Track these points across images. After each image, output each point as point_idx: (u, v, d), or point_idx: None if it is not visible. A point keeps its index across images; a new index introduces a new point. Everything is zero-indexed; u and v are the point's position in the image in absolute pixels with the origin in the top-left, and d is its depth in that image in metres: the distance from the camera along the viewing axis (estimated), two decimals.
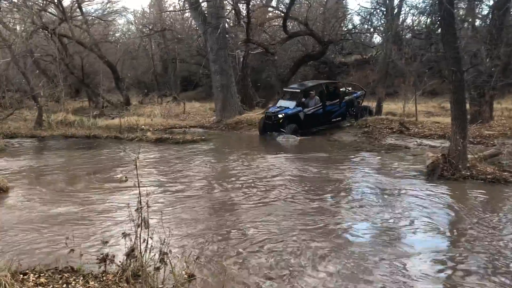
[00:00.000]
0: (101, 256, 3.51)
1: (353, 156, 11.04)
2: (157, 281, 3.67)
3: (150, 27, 25.53)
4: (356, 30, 22.41)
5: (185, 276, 3.62)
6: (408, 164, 9.82)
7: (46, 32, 20.46)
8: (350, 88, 16.89)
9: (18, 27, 20.68)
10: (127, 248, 3.70)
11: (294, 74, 21.09)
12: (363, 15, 21.16)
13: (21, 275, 3.87)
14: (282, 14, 19.39)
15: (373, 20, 20.45)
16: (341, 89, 15.95)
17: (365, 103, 16.63)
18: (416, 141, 12.54)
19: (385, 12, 17.53)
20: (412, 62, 15.32)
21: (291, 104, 14.55)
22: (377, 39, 25.10)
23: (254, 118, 16.42)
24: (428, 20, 18.02)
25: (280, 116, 14.22)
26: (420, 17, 18.83)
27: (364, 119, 15.20)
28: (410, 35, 19.36)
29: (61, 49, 21.79)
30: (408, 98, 16.09)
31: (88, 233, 5.72)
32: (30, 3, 18.96)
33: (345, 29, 22.65)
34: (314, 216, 6.36)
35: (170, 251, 3.74)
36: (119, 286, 3.60)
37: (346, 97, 15.52)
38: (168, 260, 3.61)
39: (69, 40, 22.23)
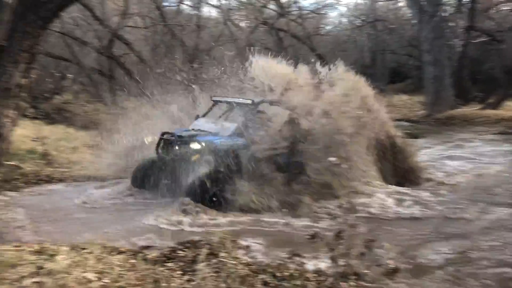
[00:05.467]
0: (312, 232, 3.69)
1: None
2: (360, 266, 3.68)
3: (362, 19, 25.45)
4: None
5: (390, 267, 3.55)
6: None
7: (266, 26, 22.33)
8: None
9: (242, 23, 23.14)
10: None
11: None
12: None
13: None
14: None
15: None
16: None
17: None
18: None
19: None
20: None
21: (225, 127, 7.12)
22: None
23: (470, 114, 14.87)
24: None
25: (194, 147, 6.57)
26: None
27: None
28: None
29: (278, 42, 23.51)
30: None
31: None
32: (253, 1, 20.96)
33: None
34: None
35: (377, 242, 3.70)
36: None
37: None
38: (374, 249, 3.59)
39: (285, 34, 23.79)
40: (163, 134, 6.98)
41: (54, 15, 7.02)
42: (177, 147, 6.67)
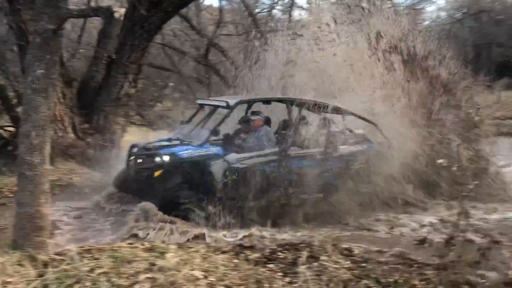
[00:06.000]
0: (420, 238, 3.51)
1: None
2: (474, 275, 3.41)
3: (464, 11, 23.82)
4: None
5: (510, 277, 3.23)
6: None
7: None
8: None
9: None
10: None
11: None
12: None
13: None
14: None
15: None
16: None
17: None
18: None
19: None
20: None
21: (200, 135, 6.22)
22: None
23: None
24: None
25: (156, 161, 5.79)
26: None
27: None
28: None
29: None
30: None
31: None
32: (346, 1, 20.53)
33: None
34: None
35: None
36: None
37: (344, 148, 6.62)
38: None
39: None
40: (131, 146, 6.34)
41: (158, 27, 7.55)
42: (140, 161, 5.90)
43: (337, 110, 6.69)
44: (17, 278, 3.29)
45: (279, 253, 4.19)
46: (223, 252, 4.05)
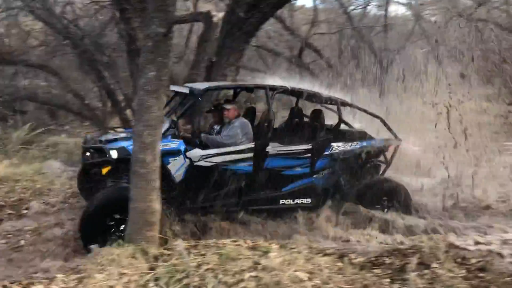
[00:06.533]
0: None
1: None
2: None
3: None
4: None
5: None
6: None
7: (462, 19, 20.33)
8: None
9: (434, 18, 21.49)
10: None
11: None
12: None
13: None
14: None
15: None
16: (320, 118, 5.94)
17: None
18: None
19: None
20: None
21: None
22: None
23: None
24: None
25: (102, 156, 4.89)
26: None
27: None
28: None
29: (476, 35, 21.19)
30: None
31: None
32: None
33: None
34: None
35: None
36: None
37: (337, 146, 5.66)
38: None
39: (486, 25, 21.30)
40: (85, 138, 5.78)
41: (255, 29, 7.64)
42: (89, 155, 5.05)
43: (332, 101, 5.83)
44: (131, 270, 3.48)
45: (385, 258, 3.99)
46: (326, 255, 3.95)
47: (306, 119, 6.22)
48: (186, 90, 5.42)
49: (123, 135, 5.20)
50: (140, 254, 3.70)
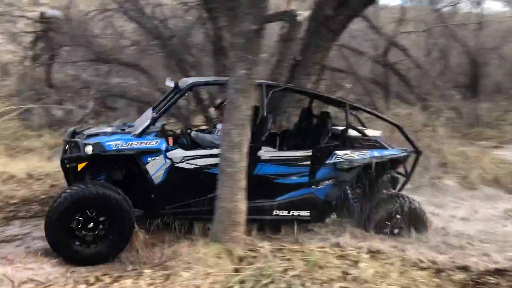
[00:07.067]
0: None
1: None
2: None
3: None
4: None
5: None
6: None
7: None
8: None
9: None
10: None
11: None
12: None
13: None
14: None
15: None
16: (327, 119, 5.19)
17: None
18: None
19: None
20: None
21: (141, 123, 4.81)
22: None
23: None
24: None
25: (84, 149, 4.30)
26: None
27: None
28: None
29: None
30: None
31: None
32: None
33: None
34: None
35: None
36: None
37: (342, 154, 4.83)
38: None
39: None
40: (69, 131, 5.22)
41: (343, 27, 7.36)
42: (68, 149, 4.68)
43: (340, 104, 5.33)
44: (217, 270, 3.43)
45: (489, 278, 3.61)
46: (422, 269, 3.65)
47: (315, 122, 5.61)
48: (171, 85, 5.10)
49: (108, 129, 4.85)
50: (226, 254, 3.65)
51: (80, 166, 4.39)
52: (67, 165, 4.46)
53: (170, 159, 4.42)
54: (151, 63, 9.88)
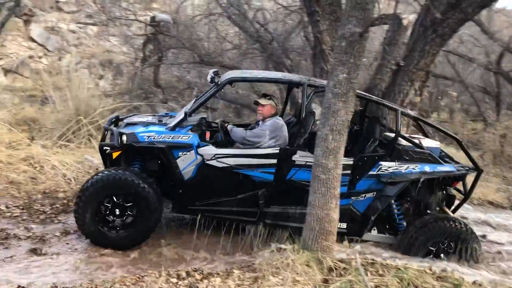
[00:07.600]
0: None
1: None
2: None
3: None
4: None
5: None
6: None
7: None
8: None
9: None
10: None
11: None
12: None
13: None
14: None
15: None
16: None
17: None
18: None
19: None
20: None
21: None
22: None
23: None
24: None
25: (120, 138, 4.32)
26: None
27: None
28: None
29: None
30: None
31: None
32: None
33: None
34: None
35: None
36: None
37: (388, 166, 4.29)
38: None
39: None
40: (110, 118, 5.29)
41: (453, 31, 6.87)
42: (107, 136, 4.82)
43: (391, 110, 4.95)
44: (305, 279, 3.36)
45: None
46: None
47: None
48: (208, 78, 4.98)
49: (147, 119, 4.92)
50: (315, 263, 3.56)
51: (115, 154, 4.48)
52: (105, 152, 4.55)
53: (201, 155, 4.38)
54: (250, 66, 10.07)
